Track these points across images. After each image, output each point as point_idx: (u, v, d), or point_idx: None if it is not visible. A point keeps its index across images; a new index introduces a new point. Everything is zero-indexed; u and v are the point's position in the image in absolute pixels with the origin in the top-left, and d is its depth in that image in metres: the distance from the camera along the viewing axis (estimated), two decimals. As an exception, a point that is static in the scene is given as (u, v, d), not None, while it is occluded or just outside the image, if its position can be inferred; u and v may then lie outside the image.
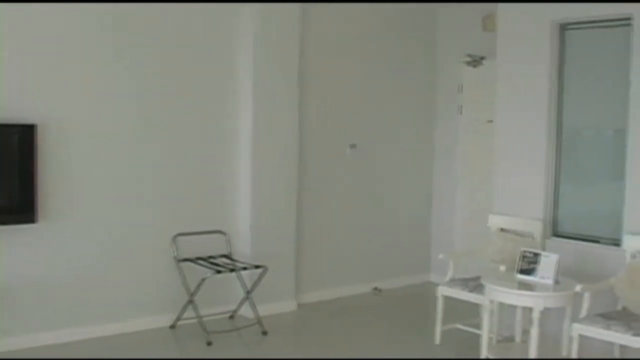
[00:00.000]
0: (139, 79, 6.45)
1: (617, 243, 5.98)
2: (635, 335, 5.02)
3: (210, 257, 6.78)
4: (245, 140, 7.03)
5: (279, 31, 7.12)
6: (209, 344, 6.17)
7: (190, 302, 6.49)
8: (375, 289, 8.29)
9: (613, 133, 6.22)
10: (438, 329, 6.39)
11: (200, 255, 6.75)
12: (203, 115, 6.87)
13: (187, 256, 6.65)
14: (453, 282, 6.38)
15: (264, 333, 6.56)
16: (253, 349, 6.39)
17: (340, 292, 7.96)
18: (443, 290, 6.35)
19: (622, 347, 5.53)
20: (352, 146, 7.99)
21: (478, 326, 6.06)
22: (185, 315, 6.57)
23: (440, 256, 6.63)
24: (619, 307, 5.62)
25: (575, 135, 6.49)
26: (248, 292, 6.75)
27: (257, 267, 6.63)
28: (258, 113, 7.01)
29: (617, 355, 5.67)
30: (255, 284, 6.72)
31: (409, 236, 8.74)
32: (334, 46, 7.80)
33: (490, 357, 5.68)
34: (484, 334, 5.69)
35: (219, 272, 6.37)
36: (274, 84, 7.12)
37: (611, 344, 5.52)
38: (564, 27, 6.43)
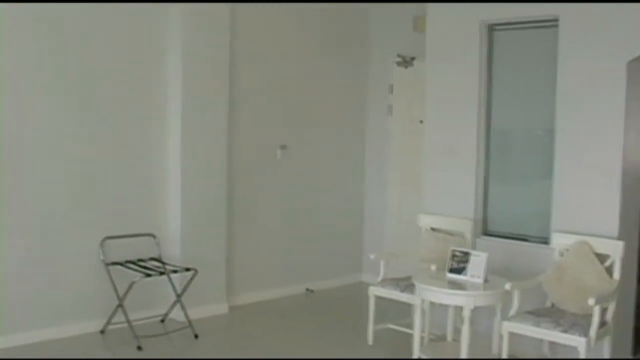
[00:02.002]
0: (66, 80, 6.31)
1: (545, 241, 6.07)
2: (563, 331, 5.10)
3: (140, 260, 6.67)
4: (175, 142, 6.94)
5: (207, 32, 7.05)
6: (140, 348, 6.08)
7: (120, 306, 6.37)
8: (308, 290, 8.28)
9: (541, 133, 6.29)
10: (370, 329, 6.40)
11: (129, 258, 6.64)
12: (131, 117, 6.75)
13: (116, 260, 6.54)
14: (385, 282, 6.39)
15: (196, 336, 6.48)
16: (184, 353, 6.31)
17: (272, 294, 7.91)
18: (375, 291, 6.36)
19: (551, 343, 5.61)
20: (283, 147, 7.95)
21: (410, 326, 6.08)
22: (114, 319, 6.46)
23: (372, 256, 6.63)
24: (548, 304, 5.70)
25: (505, 135, 6.57)
26: (179, 296, 6.66)
27: (187, 269, 6.55)
28: (187, 115, 6.93)
29: (546, 352, 5.75)
30: (186, 287, 6.64)
31: (341, 237, 8.74)
32: (264, 46, 7.75)
33: (422, 356, 5.70)
34: (416, 333, 5.72)
35: (148, 275, 6.27)
36: (203, 86, 7.05)
37: (541, 340, 5.60)
38: (492, 28, 6.49)
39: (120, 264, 6.52)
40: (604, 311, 5.21)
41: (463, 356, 5.34)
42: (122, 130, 6.70)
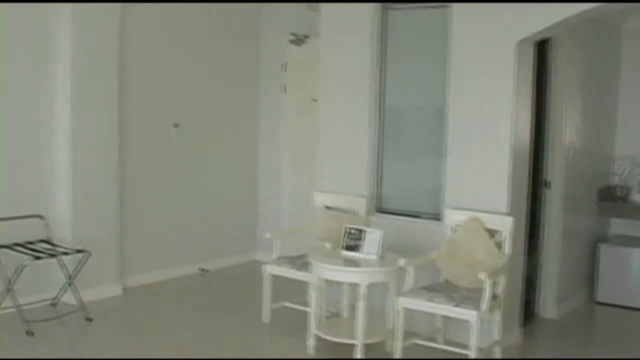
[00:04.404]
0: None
1: (438, 218, 6.18)
2: (457, 306, 5.21)
3: (29, 242, 6.48)
4: (64, 120, 6.75)
5: (97, 10, 6.86)
6: (30, 334, 5.91)
7: (9, 290, 6.17)
8: (202, 269, 8.22)
9: (433, 111, 6.38)
10: (266, 307, 6.41)
11: (17, 241, 6.43)
12: (17, 95, 6.54)
13: (2, 242, 6.32)
14: (280, 260, 6.40)
15: (89, 319, 6.35)
16: (77, 337, 6.19)
17: (166, 274, 7.83)
18: (270, 269, 6.36)
19: (444, 317, 5.73)
20: (176, 126, 7.85)
21: (306, 303, 6.11)
22: (4, 304, 6.23)
23: (267, 235, 6.62)
24: (441, 280, 5.81)
25: (398, 113, 6.63)
26: (70, 278, 6.51)
27: (79, 251, 6.41)
28: (76, 94, 6.76)
29: (440, 326, 5.87)
30: (78, 269, 6.49)
31: (235, 216, 8.72)
32: (155, 24, 7.60)
33: (319, 333, 5.73)
34: (312, 311, 5.74)
35: (38, 258, 6.10)
36: (93, 65, 6.88)
37: (435, 315, 5.72)
38: (385, 7, 6.53)
39: (8, 247, 6.31)
40: (494, 285, 5.34)
41: (359, 332, 5.40)
42: (7, 108, 6.47)
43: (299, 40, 8.37)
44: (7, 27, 6.44)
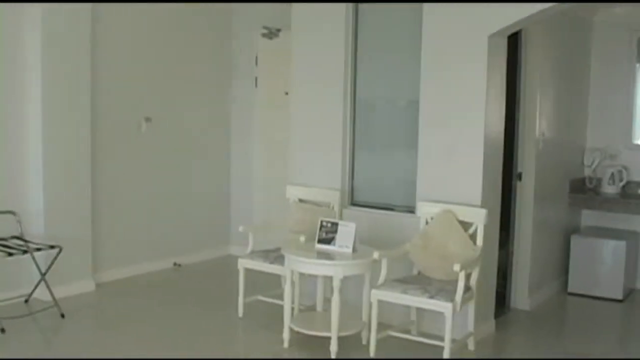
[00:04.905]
0: None
1: (411, 210, 6.19)
2: (430, 297, 5.24)
3: (1, 239, 6.41)
4: (35, 116, 6.70)
5: (69, 4, 6.80)
6: (2, 331, 5.86)
7: (-20, 287, 6.15)
8: (176, 264, 8.20)
9: (406, 104, 6.40)
10: (240, 301, 6.40)
11: (-12, 237, 6.40)
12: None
13: (-26, 239, 6.29)
14: (254, 254, 6.40)
15: (62, 316, 6.30)
16: (51, 334, 6.15)
17: (139, 270, 7.80)
18: (244, 263, 6.36)
19: (418, 309, 5.76)
20: (148, 120, 7.80)
21: (280, 297, 6.10)
22: (-25, 302, 6.23)
23: (241, 229, 6.60)
24: (415, 272, 5.85)
25: (371, 106, 6.64)
26: (43, 274, 6.46)
27: (51, 247, 6.35)
28: (48, 89, 6.70)
29: (414, 318, 5.90)
30: (51, 265, 6.43)
31: (208, 210, 8.70)
32: (126, 18, 7.55)
33: (293, 326, 5.74)
34: (286, 304, 5.73)
35: (10, 254, 6.06)
36: (64, 59, 6.82)
37: (409, 307, 5.74)
38: (358, 0, 6.53)
39: (-20, 243, 6.28)
40: (468, 277, 5.38)
41: (334, 325, 5.41)
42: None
43: (271, 33, 8.36)
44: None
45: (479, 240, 5.63)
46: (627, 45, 7.81)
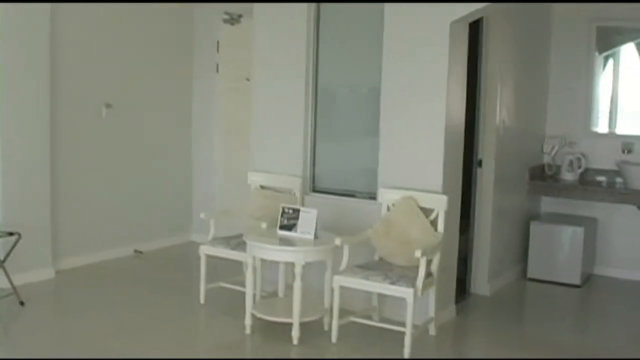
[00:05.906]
0: None
1: (373, 197, 6.21)
2: (391, 283, 5.27)
3: (-43, 226, 6.37)
4: (-7, 101, 6.63)
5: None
6: (-40, 318, 5.82)
7: (-63, 274, 6.07)
8: (136, 251, 8.15)
9: (368, 91, 6.41)
10: (202, 288, 6.39)
11: (-55, 225, 6.32)
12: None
13: None
14: (215, 241, 6.38)
15: (21, 303, 6.24)
16: (10, 321, 6.08)
17: (100, 257, 7.74)
18: (205, 250, 6.34)
19: (380, 295, 5.79)
20: (108, 106, 7.73)
21: (242, 283, 6.09)
22: None
23: (202, 215, 6.59)
24: (376, 258, 5.87)
25: (333, 93, 6.65)
26: (2, 261, 6.39)
27: (10, 234, 6.30)
28: (5, 75, 6.62)
29: (375, 304, 5.92)
30: (9, 252, 6.37)
31: (170, 197, 8.65)
32: (86, 5, 7.45)
33: (255, 312, 5.74)
34: (248, 290, 5.73)
35: (-32, 241, 6.00)
36: (22, 45, 6.74)
37: (370, 293, 5.77)
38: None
39: (-64, 230, 6.20)
40: (429, 263, 5.41)
41: (295, 311, 5.42)
42: None
43: (232, 19, 8.32)
44: None
45: (440, 227, 5.67)
46: (586, 34, 7.88)
